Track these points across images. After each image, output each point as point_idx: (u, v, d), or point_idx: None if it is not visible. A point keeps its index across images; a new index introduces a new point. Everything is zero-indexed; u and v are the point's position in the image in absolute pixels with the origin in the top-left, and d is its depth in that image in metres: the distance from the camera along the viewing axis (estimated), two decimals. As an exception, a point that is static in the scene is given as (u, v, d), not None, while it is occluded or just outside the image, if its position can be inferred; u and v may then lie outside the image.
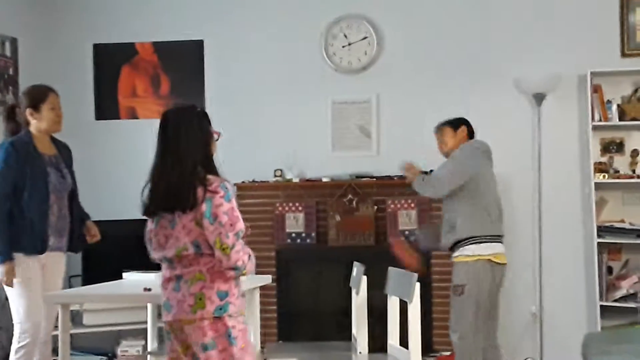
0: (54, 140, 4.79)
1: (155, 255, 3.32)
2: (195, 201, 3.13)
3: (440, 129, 5.02)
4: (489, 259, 4.67)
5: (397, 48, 6.44)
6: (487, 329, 4.78)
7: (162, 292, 3.29)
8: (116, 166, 6.60)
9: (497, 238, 4.74)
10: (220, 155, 3.33)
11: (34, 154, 4.58)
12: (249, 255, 3.22)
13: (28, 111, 4.62)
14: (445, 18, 6.40)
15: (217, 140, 3.32)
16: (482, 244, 4.67)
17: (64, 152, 4.81)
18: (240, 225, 3.17)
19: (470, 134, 5.02)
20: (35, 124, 4.64)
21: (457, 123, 5.00)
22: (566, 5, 6.24)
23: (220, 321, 3.17)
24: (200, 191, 3.14)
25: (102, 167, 6.62)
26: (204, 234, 3.16)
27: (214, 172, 3.24)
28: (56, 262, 4.71)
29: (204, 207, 3.13)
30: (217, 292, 3.18)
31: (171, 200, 3.18)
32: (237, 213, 3.19)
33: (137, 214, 3.37)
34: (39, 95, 4.66)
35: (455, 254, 4.74)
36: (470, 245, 4.67)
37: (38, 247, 4.54)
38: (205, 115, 3.33)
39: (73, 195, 4.77)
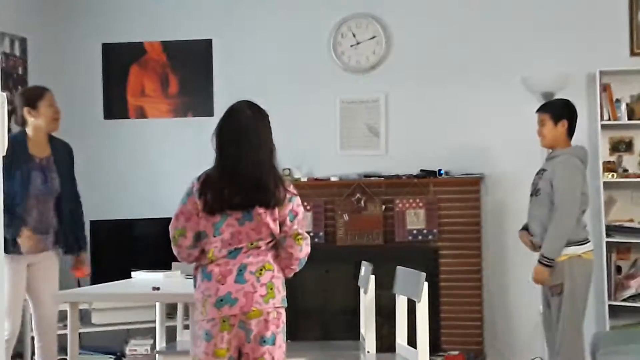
0: (53, 140, 4.72)
1: (217, 254, 3.21)
2: (281, 200, 3.24)
3: (540, 114, 4.80)
4: (579, 255, 4.63)
5: (405, 47, 6.44)
6: None
7: (217, 287, 3.16)
8: (125, 165, 6.60)
9: (585, 240, 4.70)
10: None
11: (24, 157, 4.52)
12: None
13: (26, 110, 4.57)
14: (454, 17, 6.38)
15: None
16: (571, 247, 4.61)
17: (61, 153, 4.74)
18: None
19: (571, 129, 4.78)
20: (33, 122, 4.58)
21: (559, 114, 4.76)
22: (575, 4, 6.22)
23: (281, 315, 3.22)
24: (285, 192, 3.26)
25: (111, 166, 6.62)
26: (278, 232, 3.27)
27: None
28: (46, 262, 4.69)
29: (288, 207, 3.27)
30: (282, 283, 3.27)
31: (262, 195, 3.20)
32: None
33: (145, 213, 3.38)
34: (36, 93, 4.63)
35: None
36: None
37: (9, 247, 4.41)
38: None
39: (60, 198, 4.68)
